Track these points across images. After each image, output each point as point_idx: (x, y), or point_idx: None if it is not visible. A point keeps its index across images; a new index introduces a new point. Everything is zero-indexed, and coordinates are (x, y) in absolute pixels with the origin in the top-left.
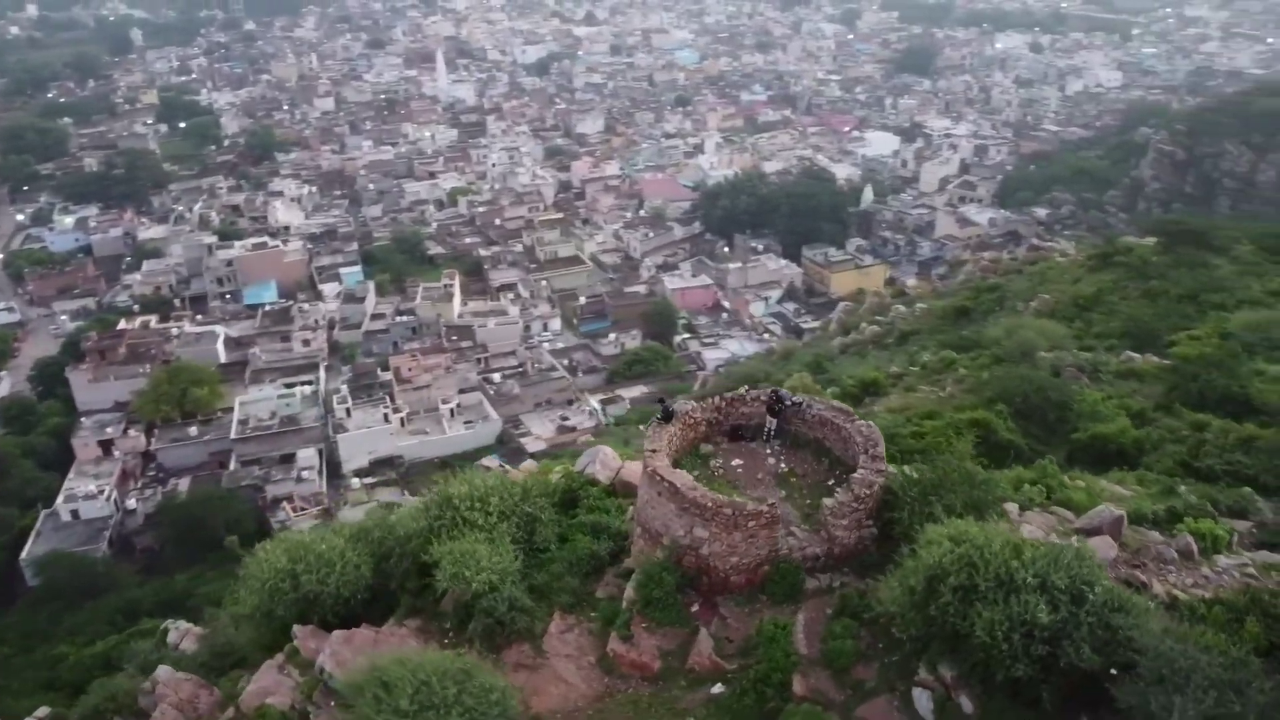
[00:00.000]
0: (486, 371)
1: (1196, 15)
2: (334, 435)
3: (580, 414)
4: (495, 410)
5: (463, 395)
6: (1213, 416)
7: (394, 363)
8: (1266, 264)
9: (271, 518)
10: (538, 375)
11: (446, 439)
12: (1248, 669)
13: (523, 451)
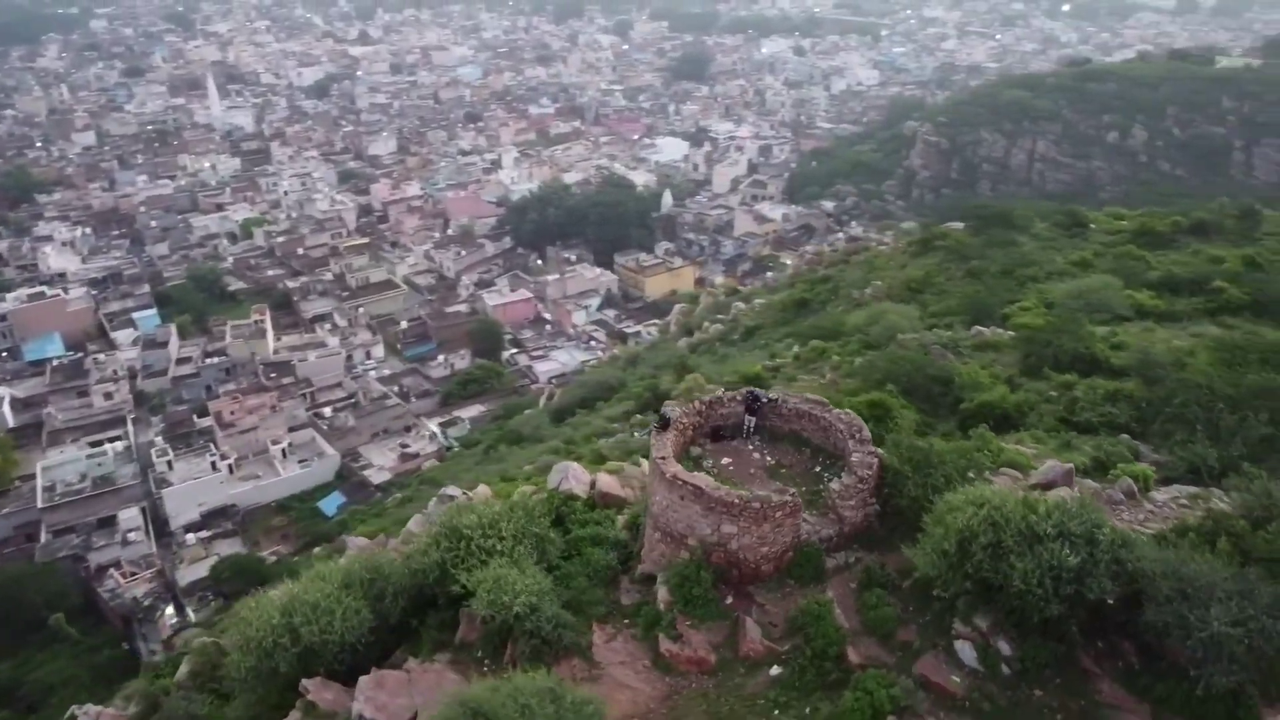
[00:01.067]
0: (315, 406)
1: (934, 16)
2: (157, 491)
3: (420, 439)
4: (330, 445)
5: (293, 434)
6: (1074, 376)
7: (214, 407)
8: (1061, 239)
9: (99, 587)
10: (371, 405)
11: (281, 481)
12: (1248, 579)
13: (367, 484)
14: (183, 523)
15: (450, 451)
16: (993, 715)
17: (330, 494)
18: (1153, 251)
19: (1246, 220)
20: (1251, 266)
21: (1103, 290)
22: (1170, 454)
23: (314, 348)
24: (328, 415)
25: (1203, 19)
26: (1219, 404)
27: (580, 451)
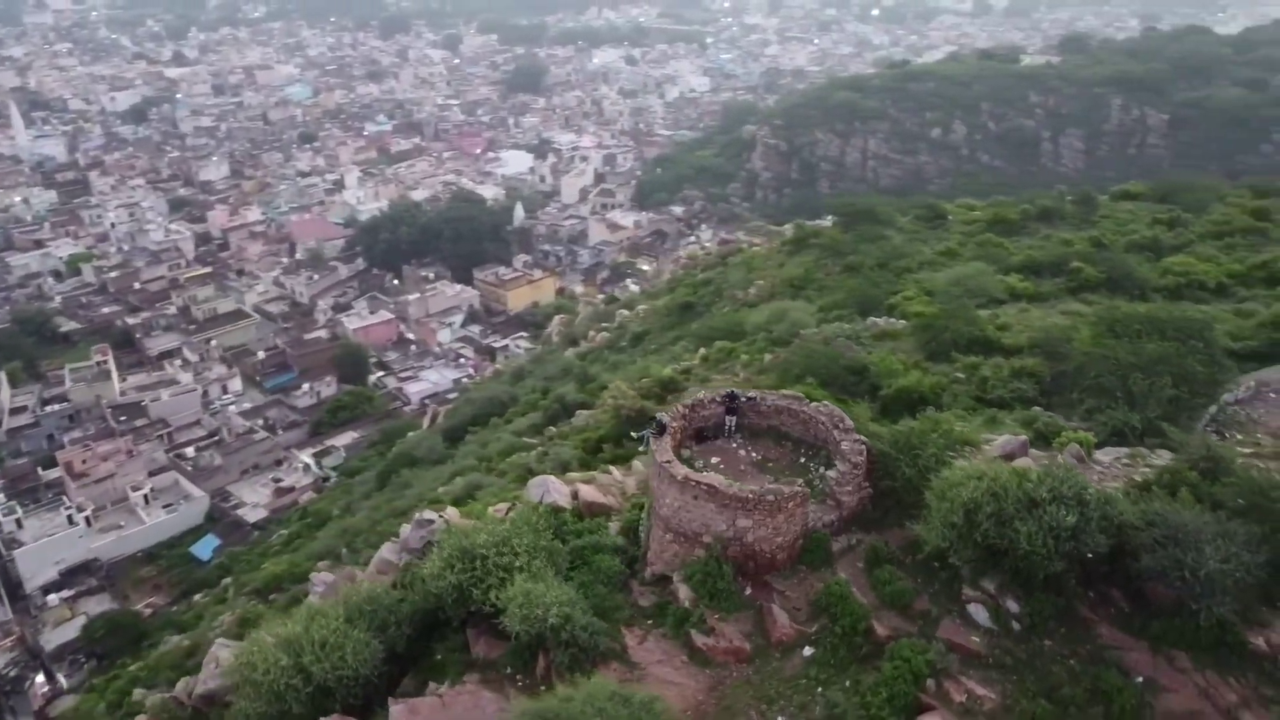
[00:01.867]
0: (175, 447)
1: (754, 23)
2: (7, 553)
3: (294, 472)
4: (197, 486)
5: (154, 478)
6: (979, 358)
7: (62, 458)
8: (925, 231)
9: None
10: (237, 441)
11: (146, 529)
12: (1223, 522)
13: (241, 524)
14: (40, 584)
15: (328, 482)
16: (1014, 668)
17: (203, 538)
18: (1008, 238)
19: (1085, 206)
20: (1098, 247)
21: (978, 277)
22: (1088, 421)
23: (165, 386)
24: (190, 455)
25: (997, 19)
26: (1134, 372)
27: (500, 468)
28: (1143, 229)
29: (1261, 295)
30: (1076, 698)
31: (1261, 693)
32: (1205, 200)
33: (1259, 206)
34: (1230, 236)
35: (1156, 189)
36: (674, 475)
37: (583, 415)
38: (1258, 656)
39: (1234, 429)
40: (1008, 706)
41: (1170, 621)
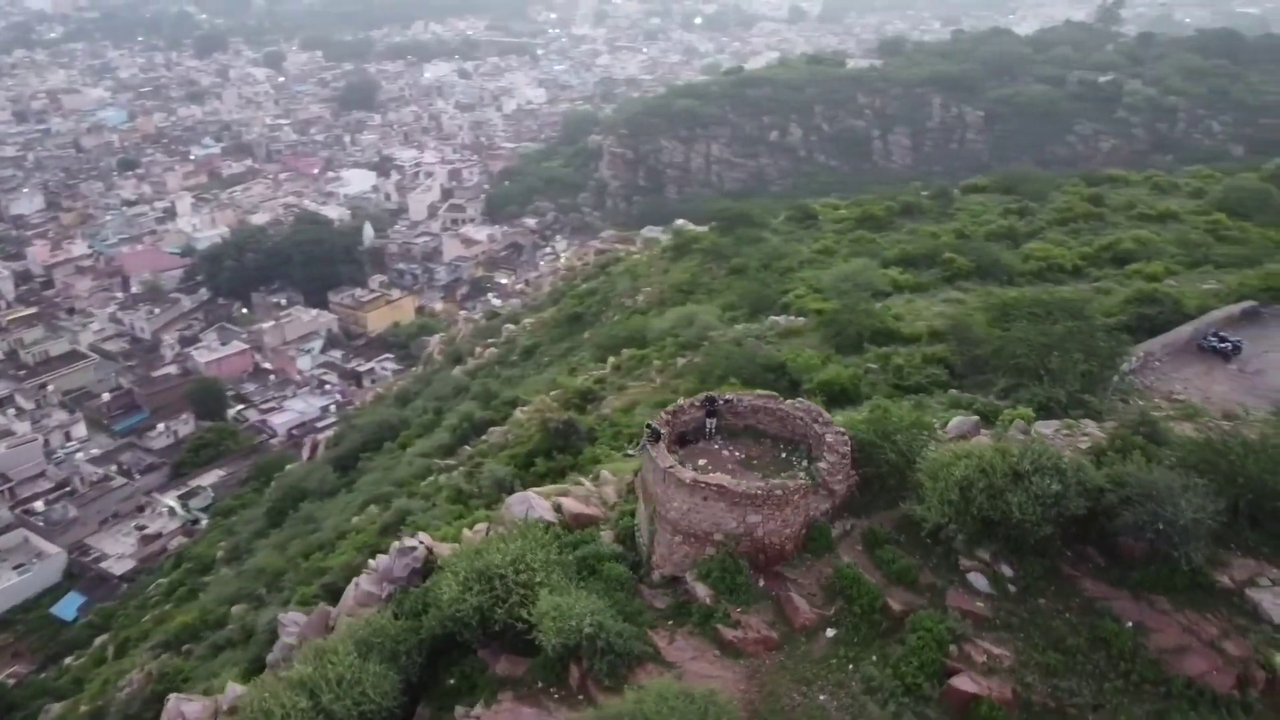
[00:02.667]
0: (20, 503)
1: (582, 33)
2: None
3: (159, 518)
4: (50, 542)
5: (1, 538)
6: (891, 348)
7: None
8: (799, 231)
9: None
10: (91, 490)
11: None
12: (1186, 478)
13: (107, 577)
14: None
15: (198, 525)
16: (1019, 627)
17: (65, 596)
18: (877, 234)
19: (941, 200)
20: (962, 238)
21: (863, 272)
22: (1006, 399)
23: (2, 438)
24: (40, 510)
25: (813, 25)
26: (1046, 351)
27: (421, 491)
28: (997, 219)
29: (1112, 274)
30: (1080, 646)
31: (1236, 623)
32: (1044, 190)
33: (1094, 193)
34: (1074, 222)
35: (1001, 182)
36: (681, 479)
37: (496, 431)
38: (1226, 592)
39: (1134, 396)
40: (1022, 661)
41: (1147, 570)
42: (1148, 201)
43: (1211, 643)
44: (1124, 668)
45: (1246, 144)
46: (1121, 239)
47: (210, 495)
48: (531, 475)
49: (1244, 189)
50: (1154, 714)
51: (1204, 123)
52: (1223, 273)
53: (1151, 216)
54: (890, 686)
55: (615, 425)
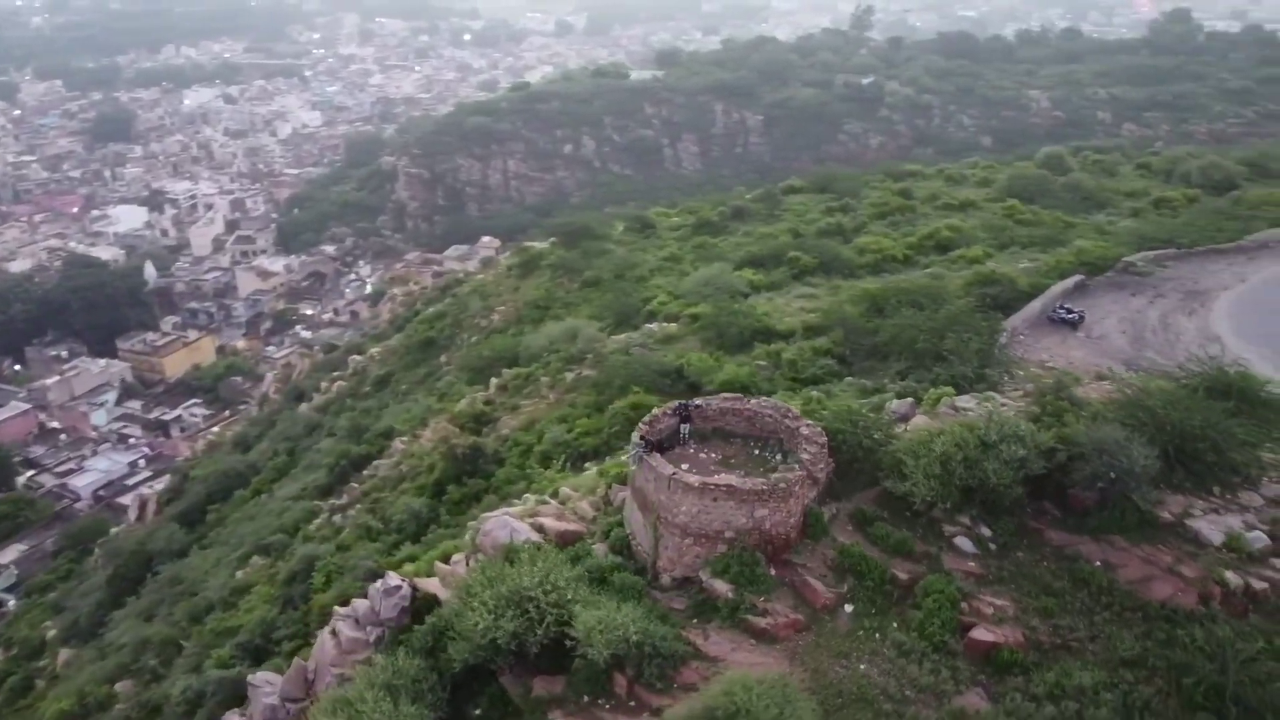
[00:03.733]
0: None
1: (350, 53)
2: None
3: None
4: None
5: None
6: (781, 344)
7: None
8: (640, 240)
9: None
10: None
11: None
12: (1127, 431)
13: None
14: None
15: (3, 606)
16: (1009, 579)
17: None
18: (716, 237)
19: (768, 202)
20: (798, 236)
21: (722, 275)
22: (903, 381)
23: None
24: None
25: (581, 38)
26: (935, 335)
27: (313, 534)
28: (823, 217)
29: (938, 261)
30: (1065, 589)
31: (1185, 550)
32: (856, 188)
33: (903, 188)
34: (891, 215)
35: (816, 182)
36: (690, 484)
37: (383, 464)
38: (1168, 526)
39: (1013, 366)
40: (1022, 608)
41: (1101, 516)
42: (949, 193)
43: (1169, 569)
44: (1105, 600)
45: (993, 135)
46: (940, 228)
47: (14, 573)
48: (446, 504)
49: (1026, 177)
50: (1140, 635)
51: (956, 117)
52: (1030, 253)
53: (955, 206)
54: (920, 647)
55: (519, 444)
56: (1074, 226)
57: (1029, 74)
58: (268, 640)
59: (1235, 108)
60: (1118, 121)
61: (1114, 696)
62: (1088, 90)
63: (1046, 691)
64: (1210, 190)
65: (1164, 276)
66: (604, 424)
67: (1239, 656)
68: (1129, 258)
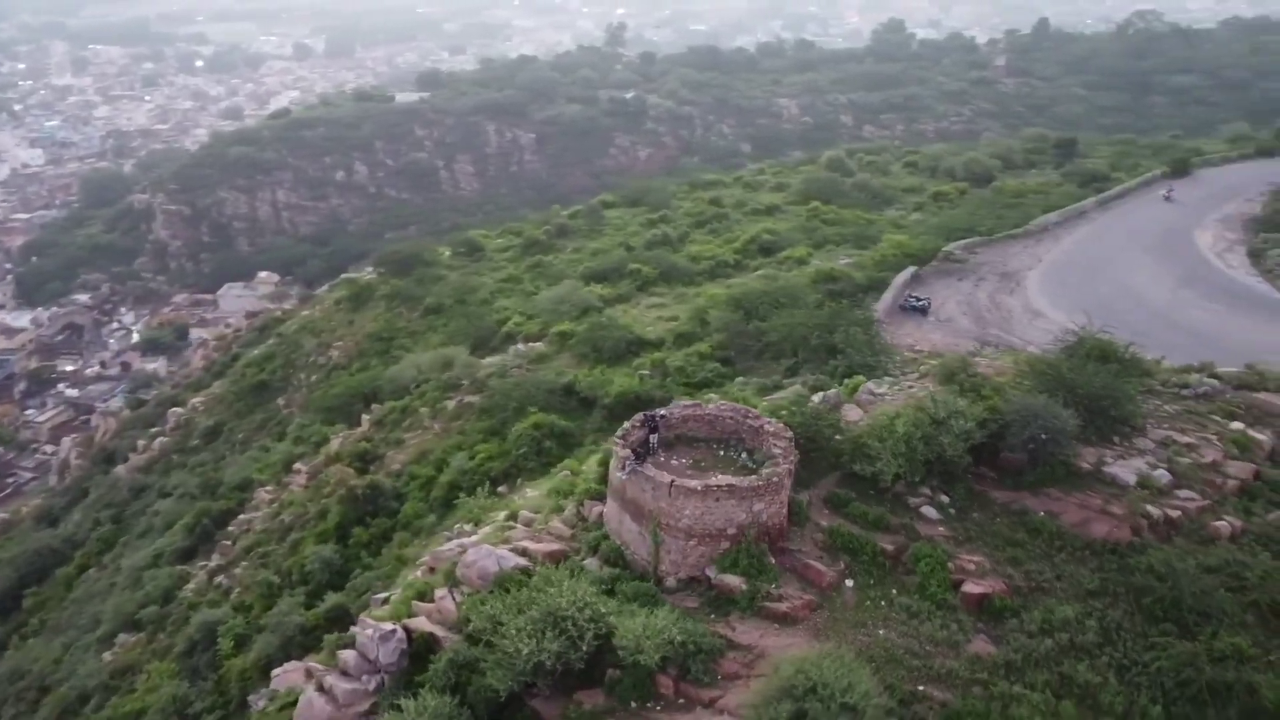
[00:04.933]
0: None
1: (65, 83)
2: None
3: None
4: None
5: None
6: (661, 353)
7: None
8: (470, 263)
9: None
10: None
11: None
12: (1048, 397)
13: None
14: None
15: None
16: (976, 538)
17: None
18: (548, 255)
19: (592, 218)
20: (629, 250)
21: (574, 291)
22: (796, 376)
23: None
24: None
25: (323, 61)
26: (833, 328)
27: (192, 600)
28: (646, 229)
29: (766, 262)
30: (1023, 539)
31: (1109, 493)
32: (664, 199)
33: (713, 196)
34: (708, 223)
35: (627, 196)
36: (692, 488)
37: (256, 518)
38: (1089, 474)
39: (892, 352)
40: (995, 561)
41: (1033, 473)
42: (755, 198)
43: (1102, 510)
44: (1058, 544)
45: (752, 142)
46: (760, 232)
47: None
48: (354, 548)
49: (818, 179)
50: (1095, 569)
51: (716, 127)
52: (845, 249)
53: (763, 210)
54: (925, 607)
55: (416, 478)
56: (874, 222)
57: (775, 83)
58: (184, 718)
59: (955, 107)
60: (859, 124)
61: (1094, 623)
62: (829, 96)
63: (1038, 628)
64: (974, 182)
65: (978, 262)
66: (509, 447)
67: (1184, 574)
68: (947, 247)
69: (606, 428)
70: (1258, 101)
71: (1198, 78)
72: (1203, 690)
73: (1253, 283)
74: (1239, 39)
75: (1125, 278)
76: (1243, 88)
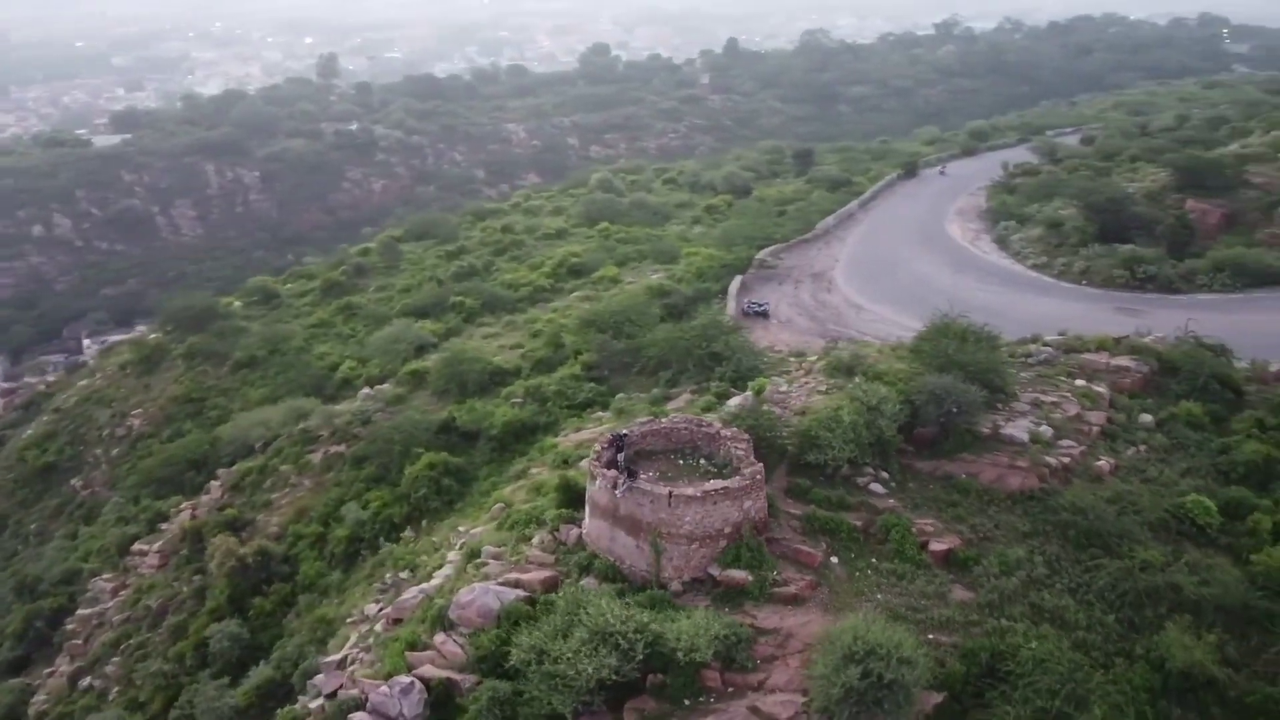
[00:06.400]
0: None
1: None
2: None
3: None
4: None
5: None
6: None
7: None
8: (269, 310)
9: None
10: None
11: None
12: (951, 376)
13: None
14: None
15: None
16: (921, 504)
17: None
18: (354, 296)
19: (388, 254)
20: (439, 284)
21: (406, 330)
22: (676, 387)
23: None
24: None
25: None
26: (709, 340)
27: (59, 712)
28: (446, 262)
29: (581, 283)
30: (958, 499)
31: (1011, 451)
32: (452, 230)
33: (504, 224)
34: (506, 251)
35: (413, 230)
36: (691, 495)
37: (108, 608)
38: (990, 438)
39: (757, 354)
40: (944, 520)
41: (945, 442)
42: (543, 223)
43: (1010, 466)
44: (986, 499)
45: (486, 168)
46: (566, 255)
47: None
48: (257, 619)
49: (596, 201)
50: (1022, 515)
51: (448, 155)
52: (650, 265)
53: (554, 234)
54: (907, 569)
55: (303, 537)
56: (663, 237)
57: (498, 109)
58: None
59: (671, 124)
60: (585, 145)
61: (1039, 558)
62: (554, 120)
63: (999, 570)
64: (735, 194)
65: (788, 266)
66: (405, 490)
67: (1093, 508)
68: (759, 255)
69: (498, 459)
70: (921, 106)
71: (871, 87)
72: (1139, 595)
73: (1008, 264)
74: (897, 51)
75: (913, 268)
76: (907, 94)
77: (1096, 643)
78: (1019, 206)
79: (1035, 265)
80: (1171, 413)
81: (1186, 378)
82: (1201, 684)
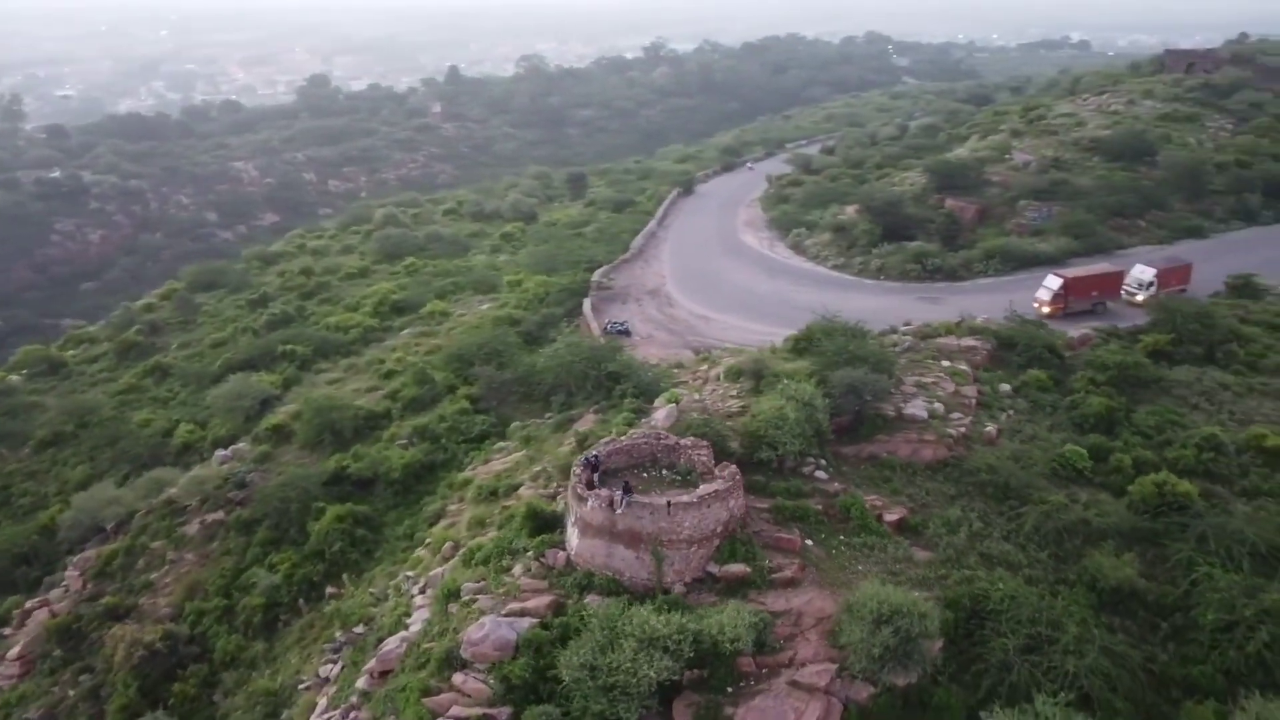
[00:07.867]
0: None
1: None
2: None
3: None
4: None
5: None
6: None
7: None
8: (59, 382)
9: None
10: None
11: None
12: (865, 373)
13: None
14: None
15: None
16: (861, 483)
17: None
18: (157, 355)
19: (185, 309)
20: (256, 334)
21: (246, 385)
22: (565, 411)
23: None
24: None
25: None
26: (601, 362)
27: None
28: (247, 311)
29: (411, 319)
30: (890, 475)
31: (916, 428)
32: (242, 278)
33: (305, 266)
34: (315, 294)
35: (198, 281)
36: (690, 501)
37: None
38: (897, 418)
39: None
40: (885, 494)
41: (864, 426)
42: (343, 263)
43: (920, 441)
44: (911, 471)
45: (217, 209)
46: (387, 293)
47: None
48: (182, 705)
49: (390, 237)
50: (947, 480)
51: (173, 198)
52: (477, 297)
53: (356, 274)
54: (875, 541)
55: (207, 613)
56: (473, 268)
57: (221, 146)
58: None
59: (409, 154)
60: (323, 179)
61: (972, 514)
62: (285, 155)
63: (945, 530)
64: (524, 220)
65: (623, 285)
66: (317, 547)
67: (1001, 467)
68: (595, 278)
69: (403, 503)
70: (644, 125)
71: (595, 110)
72: (1059, 533)
73: (811, 267)
74: (612, 74)
75: (732, 278)
76: (630, 115)
77: (1040, 576)
78: (801, 215)
79: (835, 266)
80: (1023, 381)
81: (1024, 350)
82: (1127, 595)
